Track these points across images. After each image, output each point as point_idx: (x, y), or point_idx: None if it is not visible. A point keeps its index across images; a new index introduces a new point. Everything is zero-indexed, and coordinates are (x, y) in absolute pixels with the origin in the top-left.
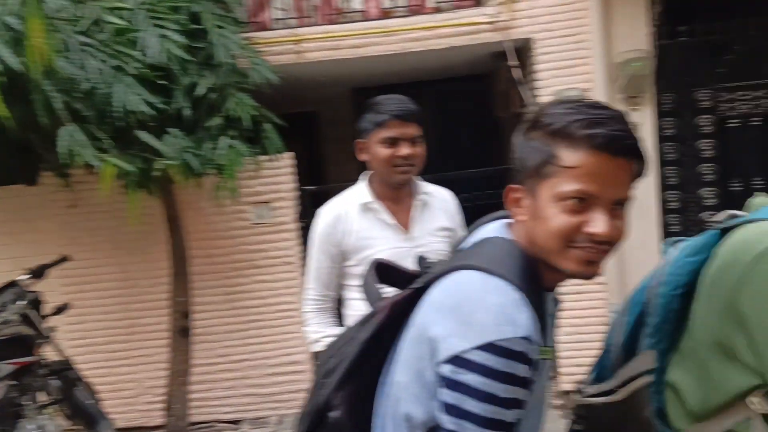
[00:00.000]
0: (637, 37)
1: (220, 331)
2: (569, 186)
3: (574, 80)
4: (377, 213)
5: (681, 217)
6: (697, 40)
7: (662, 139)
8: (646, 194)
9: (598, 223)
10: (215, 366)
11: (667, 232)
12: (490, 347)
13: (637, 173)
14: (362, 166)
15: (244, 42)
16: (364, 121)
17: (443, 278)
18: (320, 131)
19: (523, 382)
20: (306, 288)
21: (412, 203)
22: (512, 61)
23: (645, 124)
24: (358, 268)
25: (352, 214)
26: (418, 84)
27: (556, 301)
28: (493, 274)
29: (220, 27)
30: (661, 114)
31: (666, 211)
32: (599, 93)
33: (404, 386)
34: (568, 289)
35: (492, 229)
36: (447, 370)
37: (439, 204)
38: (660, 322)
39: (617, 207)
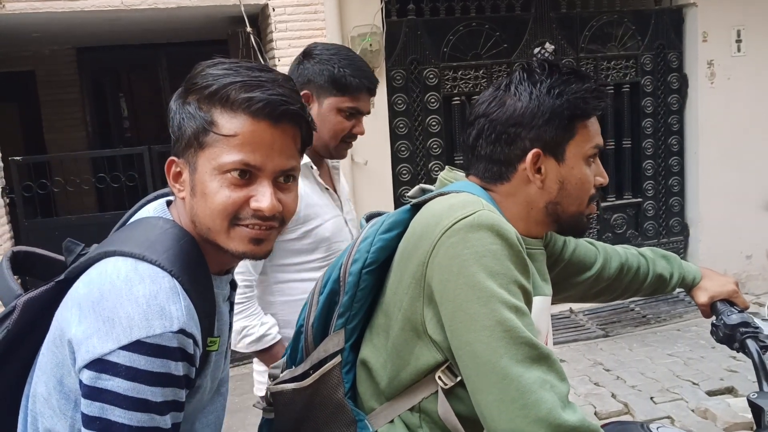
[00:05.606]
0: (368, 12)
1: None
2: (229, 157)
3: None
4: (315, 176)
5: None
6: (424, 19)
7: (394, 114)
8: (382, 166)
9: (262, 198)
10: None
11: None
12: (137, 346)
13: (304, 142)
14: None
15: None
16: (322, 73)
17: (90, 268)
18: (38, 93)
19: (180, 382)
20: None
21: (330, 166)
22: (248, 27)
23: (378, 99)
24: (302, 242)
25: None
26: (151, 46)
27: (233, 285)
28: (144, 260)
29: None
30: (393, 90)
31: (399, 183)
32: None
33: (44, 399)
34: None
35: (151, 208)
36: (87, 376)
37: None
38: (349, 301)
39: (284, 179)
